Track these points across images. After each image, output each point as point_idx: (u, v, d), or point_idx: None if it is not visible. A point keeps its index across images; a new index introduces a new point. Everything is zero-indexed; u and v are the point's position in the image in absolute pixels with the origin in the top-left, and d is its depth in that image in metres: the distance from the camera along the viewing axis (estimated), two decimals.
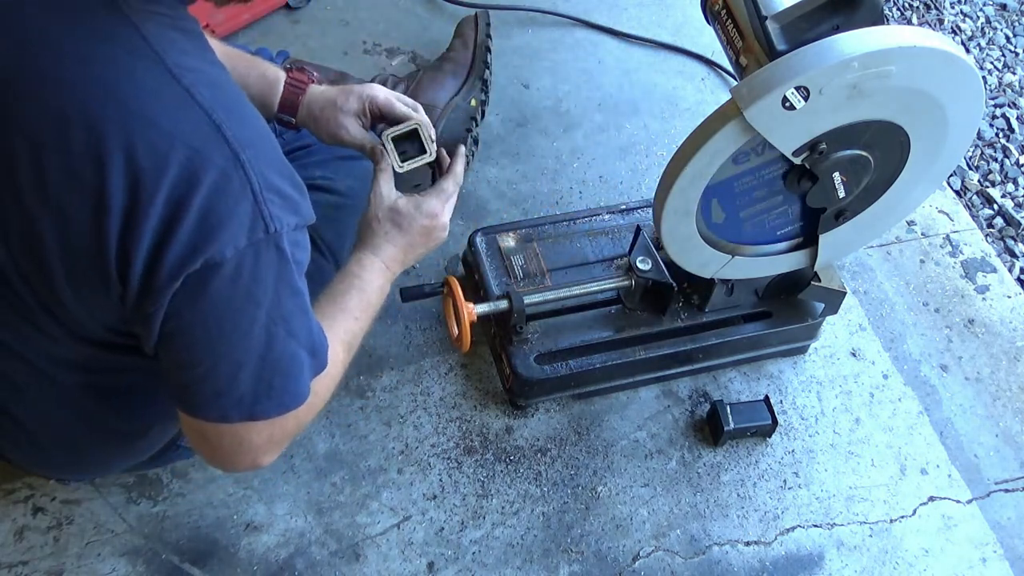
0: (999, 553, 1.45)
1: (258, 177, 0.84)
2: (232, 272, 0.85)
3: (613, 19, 2.14)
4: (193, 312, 0.86)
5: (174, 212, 0.81)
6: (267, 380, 0.92)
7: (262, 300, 0.88)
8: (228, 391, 0.91)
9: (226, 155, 0.82)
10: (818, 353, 1.64)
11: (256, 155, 0.84)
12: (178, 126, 0.81)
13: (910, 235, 1.86)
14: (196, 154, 0.81)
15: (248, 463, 1.00)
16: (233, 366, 0.90)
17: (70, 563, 1.30)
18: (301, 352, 0.94)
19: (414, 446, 1.46)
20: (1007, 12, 2.54)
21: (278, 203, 0.86)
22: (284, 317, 0.91)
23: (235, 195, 0.83)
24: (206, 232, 0.82)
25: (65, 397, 1.06)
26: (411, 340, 1.57)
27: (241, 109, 0.87)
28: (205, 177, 0.81)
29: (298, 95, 1.28)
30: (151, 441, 1.21)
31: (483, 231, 1.58)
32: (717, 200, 1.27)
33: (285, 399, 0.94)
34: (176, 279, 0.83)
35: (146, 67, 0.82)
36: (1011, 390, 1.64)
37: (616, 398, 1.54)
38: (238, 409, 0.92)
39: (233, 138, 0.83)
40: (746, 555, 1.40)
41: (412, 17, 2.09)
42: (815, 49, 1.09)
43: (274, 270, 0.88)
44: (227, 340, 0.88)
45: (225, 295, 0.86)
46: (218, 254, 0.83)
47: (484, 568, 1.35)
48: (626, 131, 1.94)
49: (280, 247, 0.87)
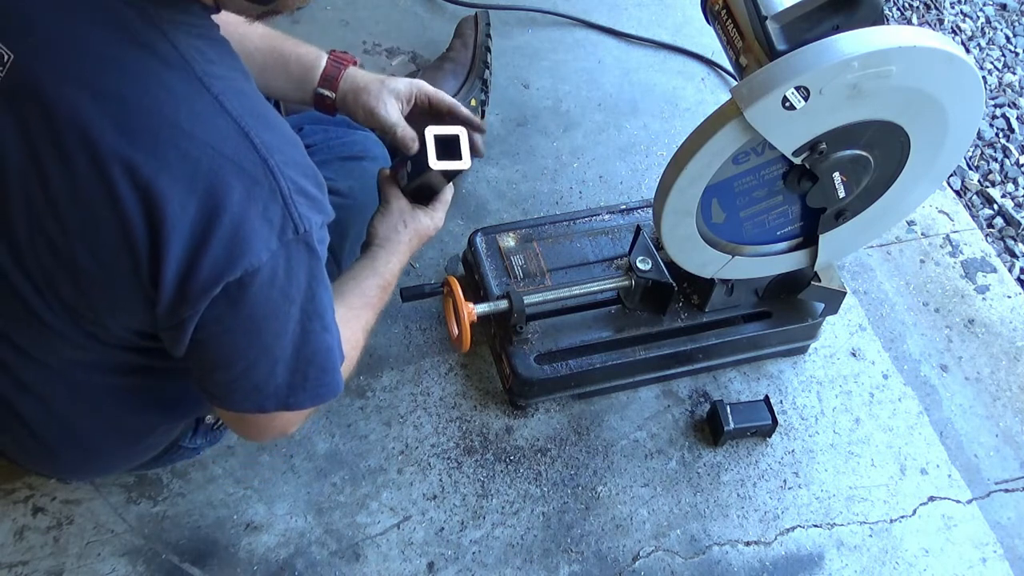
0: (999, 553, 1.45)
1: (286, 181, 0.86)
2: (269, 276, 0.87)
3: (613, 19, 2.14)
4: (234, 318, 0.88)
5: (208, 219, 0.83)
6: (302, 372, 0.95)
7: (296, 297, 0.91)
8: (265, 386, 0.95)
9: (255, 162, 0.84)
10: (818, 353, 1.64)
11: (284, 160, 0.87)
12: (210, 134, 0.83)
13: (910, 235, 1.86)
14: (228, 162, 0.83)
15: (277, 434, 1.07)
16: (270, 362, 0.93)
17: (70, 563, 1.30)
18: (335, 347, 0.98)
19: (414, 446, 1.46)
20: (1007, 12, 2.54)
21: (305, 204, 0.88)
22: (319, 312, 0.94)
23: (265, 200, 0.85)
24: (241, 239, 0.84)
25: (75, 397, 1.06)
26: (411, 340, 1.57)
27: (267, 115, 0.89)
28: (237, 184, 0.83)
29: (340, 70, 1.29)
30: (157, 439, 1.21)
31: (483, 231, 1.58)
32: (717, 200, 1.27)
33: (321, 391, 0.98)
34: (215, 286, 0.85)
35: (179, 77, 0.83)
36: (1011, 390, 1.64)
37: (616, 398, 1.54)
38: (274, 400, 0.96)
39: (261, 145, 0.85)
40: (746, 555, 1.40)
41: (412, 17, 2.09)
42: (815, 49, 1.09)
43: (306, 268, 0.90)
44: (265, 341, 0.92)
45: (263, 298, 0.88)
46: (256, 259, 0.85)
47: (484, 568, 1.35)
48: (626, 131, 1.94)
49: (310, 245, 0.90)
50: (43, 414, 1.08)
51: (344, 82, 1.28)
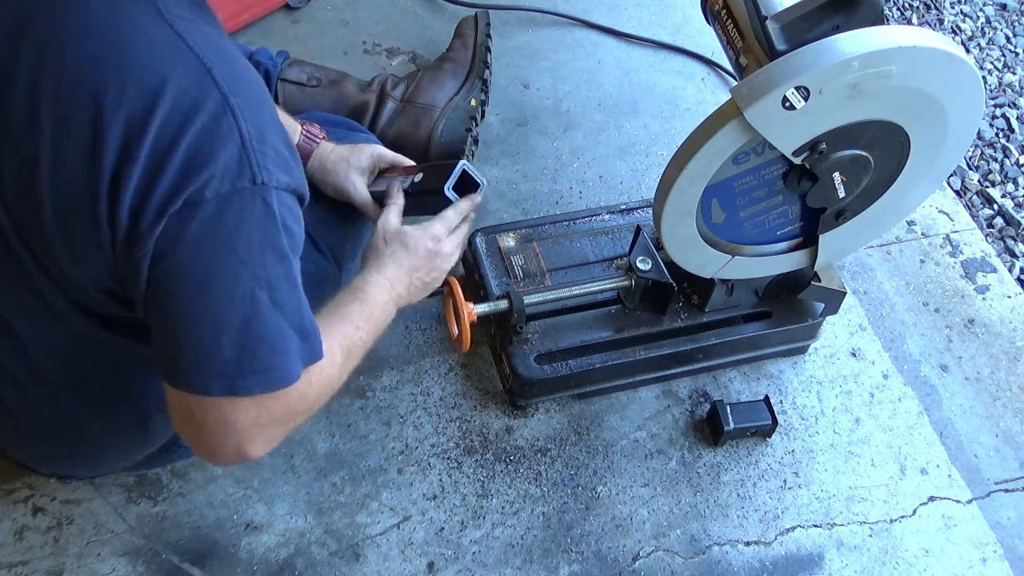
0: (999, 553, 1.45)
1: (248, 124, 0.84)
2: (213, 215, 0.84)
3: (613, 19, 2.14)
4: (175, 255, 0.85)
5: (163, 152, 0.82)
6: (250, 350, 0.89)
7: (245, 257, 0.87)
8: (209, 358, 0.89)
9: (216, 98, 0.83)
10: (818, 353, 1.64)
11: (247, 104, 0.85)
12: (169, 67, 0.83)
13: (910, 235, 1.86)
14: (186, 95, 0.82)
15: (233, 448, 0.95)
16: (215, 327, 0.88)
17: (70, 563, 1.30)
18: (288, 329, 0.92)
19: (414, 446, 1.46)
20: (1007, 12, 2.54)
21: (270, 156, 0.86)
22: (270, 282, 0.89)
23: (222, 137, 0.83)
24: (190, 171, 0.83)
25: (63, 388, 1.06)
26: (411, 340, 1.57)
27: (234, 62, 0.88)
28: (195, 117, 0.82)
29: (312, 147, 1.35)
30: (151, 437, 1.20)
31: (483, 231, 1.58)
32: (717, 200, 1.27)
33: (271, 376, 0.91)
34: (161, 220, 0.83)
35: (140, 11, 0.84)
36: (1011, 390, 1.64)
37: (616, 398, 1.54)
38: (220, 380, 0.90)
39: (223, 82, 0.84)
40: (746, 555, 1.40)
41: (412, 17, 2.09)
42: (815, 49, 1.09)
43: (260, 227, 0.87)
44: (207, 293, 0.87)
45: (206, 239, 0.85)
46: (198, 193, 0.83)
47: (484, 568, 1.35)
48: (626, 131, 1.94)
49: (267, 202, 0.86)
50: (32, 403, 1.08)
51: (314, 160, 1.35)
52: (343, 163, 1.34)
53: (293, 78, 1.66)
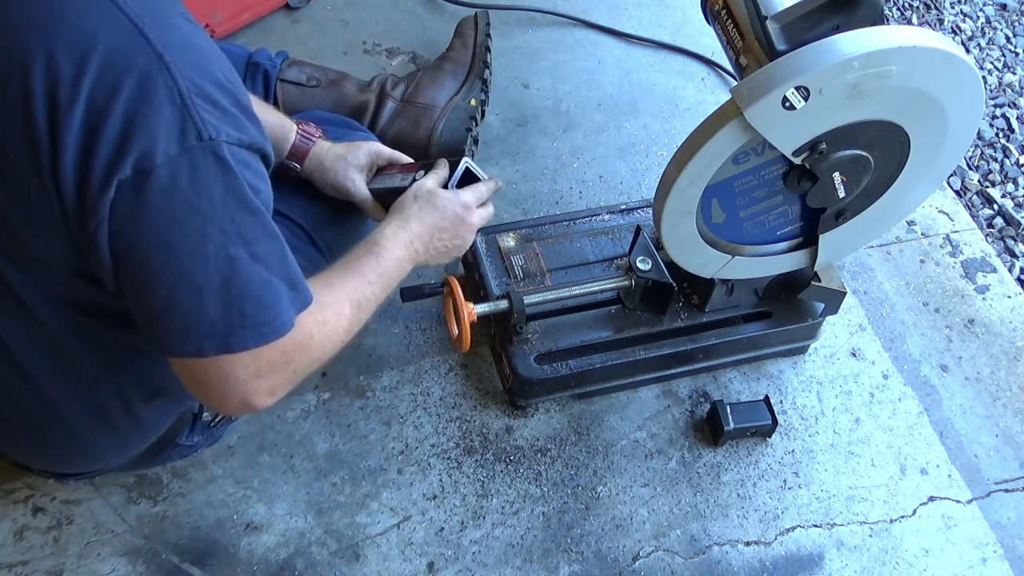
0: (999, 553, 1.45)
1: (185, 81, 0.83)
2: (167, 181, 0.83)
3: (613, 19, 2.14)
4: (136, 227, 0.84)
5: (97, 114, 0.81)
6: (238, 307, 0.88)
7: (209, 216, 0.85)
8: (196, 321, 0.88)
9: (149, 56, 0.82)
10: (818, 353, 1.64)
11: (183, 60, 0.84)
12: (98, 28, 0.82)
13: (910, 235, 1.86)
14: (116, 54, 0.82)
15: (239, 401, 0.95)
16: (194, 290, 0.87)
17: (70, 563, 1.30)
18: (275, 281, 0.91)
19: (414, 446, 1.46)
20: (1007, 12, 2.54)
21: (211, 111, 0.85)
22: (243, 238, 0.88)
23: (159, 96, 0.82)
24: (130, 133, 0.82)
25: (49, 385, 1.06)
26: (411, 340, 1.57)
27: (169, 18, 0.86)
28: (127, 78, 0.81)
29: (308, 146, 1.34)
30: (144, 428, 1.19)
31: (483, 231, 1.58)
32: (717, 200, 1.27)
33: (263, 329, 0.90)
34: (108, 186, 0.82)
35: None
36: (1011, 390, 1.64)
37: (616, 398, 1.54)
38: (211, 340, 0.89)
39: (156, 40, 0.83)
40: (746, 555, 1.40)
41: (412, 17, 2.09)
42: (815, 49, 1.09)
43: (219, 183, 0.85)
44: (178, 259, 0.86)
45: (164, 206, 0.84)
46: (147, 160, 0.82)
47: (484, 568, 1.35)
48: (626, 131, 1.94)
49: (220, 156, 0.85)
50: (19, 401, 1.07)
51: (311, 159, 1.34)
52: (341, 161, 1.34)
53: (292, 78, 1.66)
